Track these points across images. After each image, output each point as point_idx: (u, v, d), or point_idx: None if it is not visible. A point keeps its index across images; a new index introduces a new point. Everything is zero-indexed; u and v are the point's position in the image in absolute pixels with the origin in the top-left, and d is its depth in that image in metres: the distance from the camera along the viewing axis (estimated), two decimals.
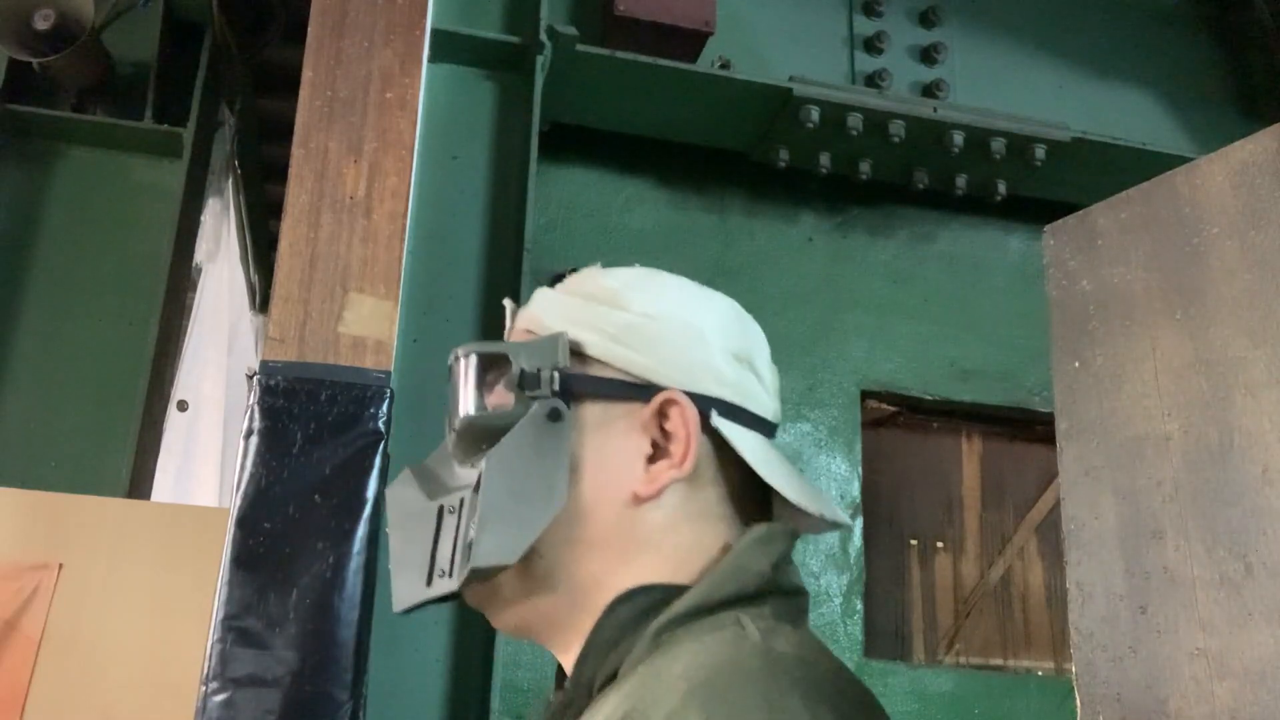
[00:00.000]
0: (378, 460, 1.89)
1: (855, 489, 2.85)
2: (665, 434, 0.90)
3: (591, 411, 0.91)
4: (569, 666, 0.90)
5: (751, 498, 0.94)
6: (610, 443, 0.91)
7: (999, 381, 3.06)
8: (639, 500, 0.90)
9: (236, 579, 1.77)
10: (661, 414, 0.90)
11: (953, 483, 3.14)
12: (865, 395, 2.96)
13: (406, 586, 0.92)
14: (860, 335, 2.99)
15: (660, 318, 0.95)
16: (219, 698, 1.72)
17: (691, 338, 0.95)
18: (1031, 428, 3.15)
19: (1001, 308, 3.13)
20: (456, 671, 2.08)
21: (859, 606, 2.74)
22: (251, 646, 1.74)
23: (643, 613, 0.86)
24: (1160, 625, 1.50)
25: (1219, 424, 1.48)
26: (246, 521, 1.80)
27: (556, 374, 0.90)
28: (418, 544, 0.92)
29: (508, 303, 1.02)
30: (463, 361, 0.93)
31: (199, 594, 2.01)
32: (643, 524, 0.90)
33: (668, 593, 0.87)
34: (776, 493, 0.93)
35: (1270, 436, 1.41)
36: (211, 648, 1.74)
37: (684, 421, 0.90)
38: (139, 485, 2.78)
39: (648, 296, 0.97)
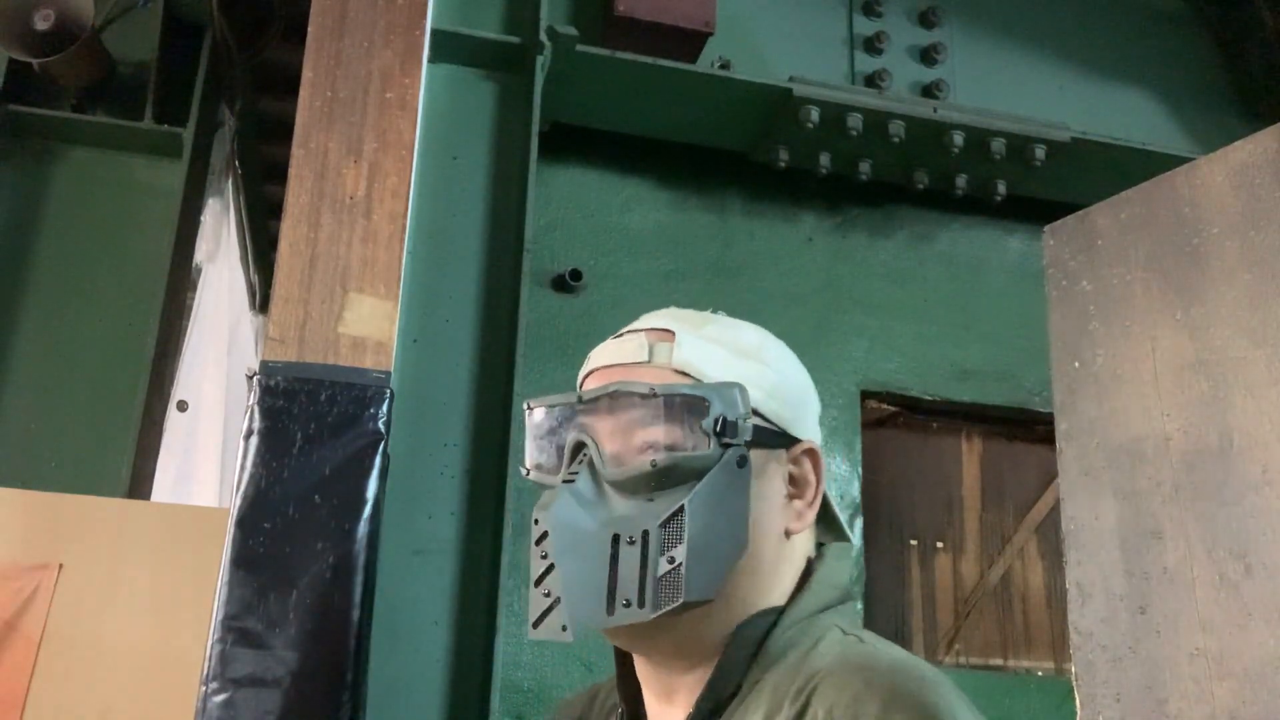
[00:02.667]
0: (378, 460, 1.89)
1: (855, 489, 2.85)
2: (793, 476, 1.08)
3: (756, 457, 1.03)
4: (685, 683, 1.02)
5: (818, 521, 1.13)
6: (769, 485, 1.05)
7: (999, 381, 3.06)
8: (789, 535, 1.07)
9: (236, 579, 1.77)
10: (795, 460, 1.09)
11: (953, 483, 3.14)
12: (865, 395, 2.96)
13: (585, 612, 0.97)
14: (860, 335, 2.99)
15: (791, 376, 1.14)
16: (219, 698, 1.72)
17: (809, 395, 1.17)
18: (1031, 428, 3.15)
19: (1001, 308, 3.13)
20: (456, 671, 2.08)
21: (859, 606, 2.74)
22: (251, 646, 1.74)
23: (764, 632, 1.01)
24: (1160, 625, 1.50)
25: (1219, 424, 1.48)
26: (246, 521, 1.80)
27: (751, 426, 1.02)
28: (594, 571, 0.97)
29: (642, 336, 1.08)
30: (662, 399, 1.00)
31: (199, 594, 2.01)
32: (788, 554, 1.07)
33: (776, 610, 1.02)
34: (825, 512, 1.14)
35: (1270, 436, 1.41)
36: (211, 648, 1.74)
37: (814, 467, 1.10)
38: (139, 485, 2.78)
39: (780, 356, 1.14)
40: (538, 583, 0.98)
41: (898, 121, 2.77)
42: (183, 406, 3.49)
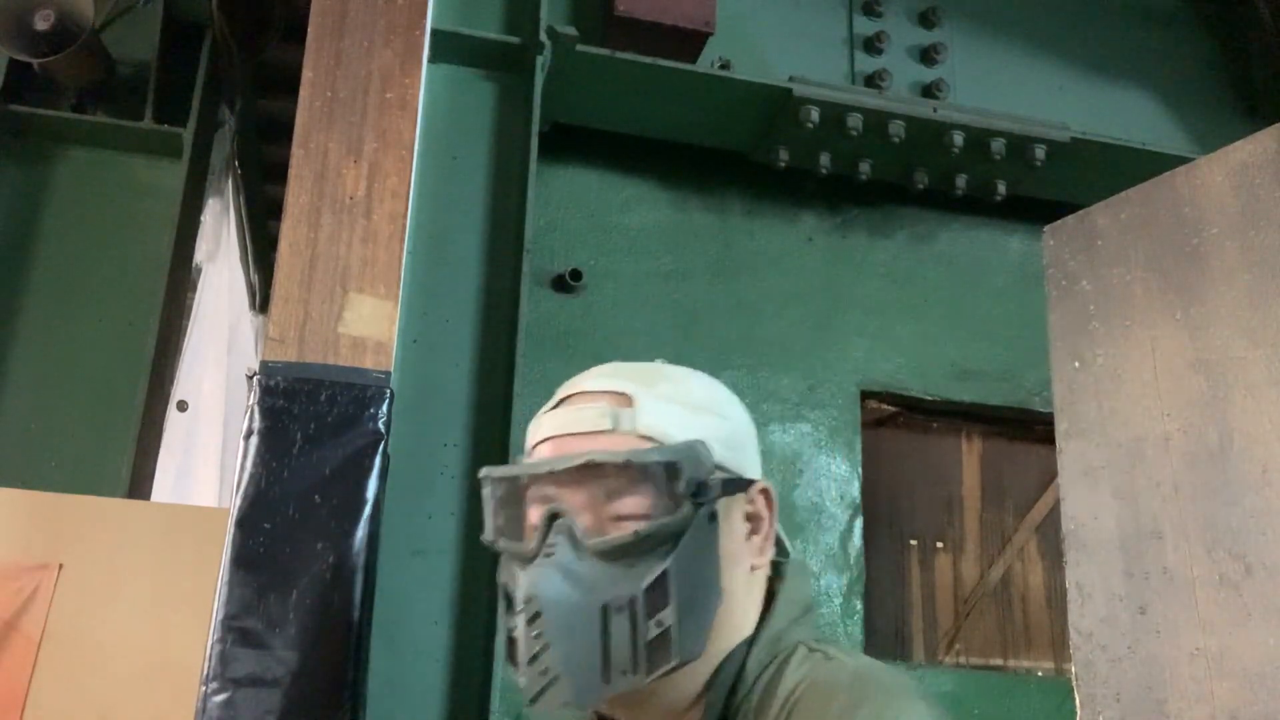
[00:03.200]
0: (378, 461, 1.89)
1: (855, 489, 2.85)
2: (749, 514, 1.11)
3: (720, 506, 1.05)
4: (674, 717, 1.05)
5: None
6: (732, 529, 1.08)
7: (999, 381, 3.06)
8: (753, 570, 1.10)
9: (236, 579, 1.77)
10: (750, 500, 1.11)
11: (953, 483, 3.14)
12: (865, 395, 2.96)
13: (586, 688, 1.00)
14: (860, 335, 2.99)
15: (739, 420, 1.14)
16: (219, 698, 1.72)
17: (752, 433, 1.16)
18: (1031, 428, 3.15)
19: (1001, 308, 3.13)
20: (456, 671, 2.08)
21: (859, 606, 2.74)
22: (251, 646, 1.74)
23: (740, 663, 1.05)
24: (1160, 625, 1.50)
25: (1219, 424, 1.48)
26: (246, 521, 1.80)
27: (719, 481, 1.05)
28: (589, 645, 1.00)
29: (602, 402, 1.08)
30: (636, 469, 1.02)
31: (199, 594, 2.01)
32: (752, 588, 1.11)
33: (748, 640, 1.07)
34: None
35: (1270, 436, 1.41)
36: (211, 648, 1.74)
37: (767, 503, 1.12)
38: (139, 485, 2.78)
39: (728, 401, 1.15)
40: (532, 660, 1.01)
41: (898, 121, 2.77)
42: (183, 406, 3.49)
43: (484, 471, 1.13)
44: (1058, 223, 1.82)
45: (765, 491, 1.12)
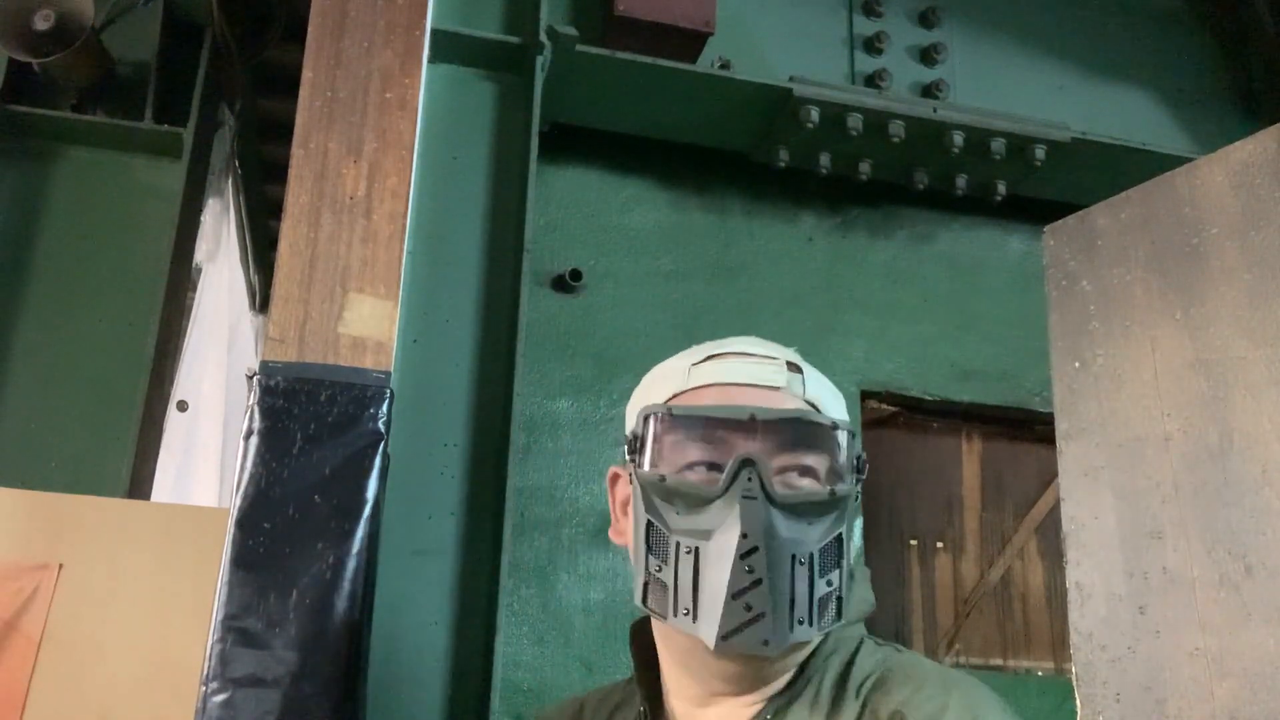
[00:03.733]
0: (378, 460, 1.89)
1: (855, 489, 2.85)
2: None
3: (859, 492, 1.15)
4: (745, 689, 1.09)
5: None
6: (856, 517, 1.16)
7: (999, 381, 3.06)
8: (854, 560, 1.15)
9: (236, 579, 1.77)
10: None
11: (953, 483, 3.14)
12: (865, 395, 2.96)
13: (780, 630, 1.02)
14: (860, 335, 2.99)
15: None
16: (219, 698, 1.72)
17: None
18: (1031, 428, 3.15)
19: (1001, 308, 3.13)
20: (456, 671, 2.08)
21: None
22: (251, 646, 1.74)
23: (814, 647, 1.12)
24: (1160, 625, 1.50)
25: (1219, 424, 1.48)
26: (246, 521, 1.80)
27: (867, 461, 1.14)
28: (785, 590, 1.03)
29: (780, 363, 1.14)
30: (841, 434, 1.10)
31: (199, 594, 2.01)
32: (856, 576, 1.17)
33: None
34: None
35: (1270, 436, 1.41)
36: (211, 648, 1.74)
37: (857, 504, 1.16)
38: (139, 485, 2.78)
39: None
40: (738, 595, 1.00)
41: (898, 121, 2.77)
42: (183, 406, 3.49)
43: (661, 407, 1.11)
44: (1058, 223, 1.82)
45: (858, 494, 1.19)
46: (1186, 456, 1.52)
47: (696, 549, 1.03)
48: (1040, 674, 3.01)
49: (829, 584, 1.05)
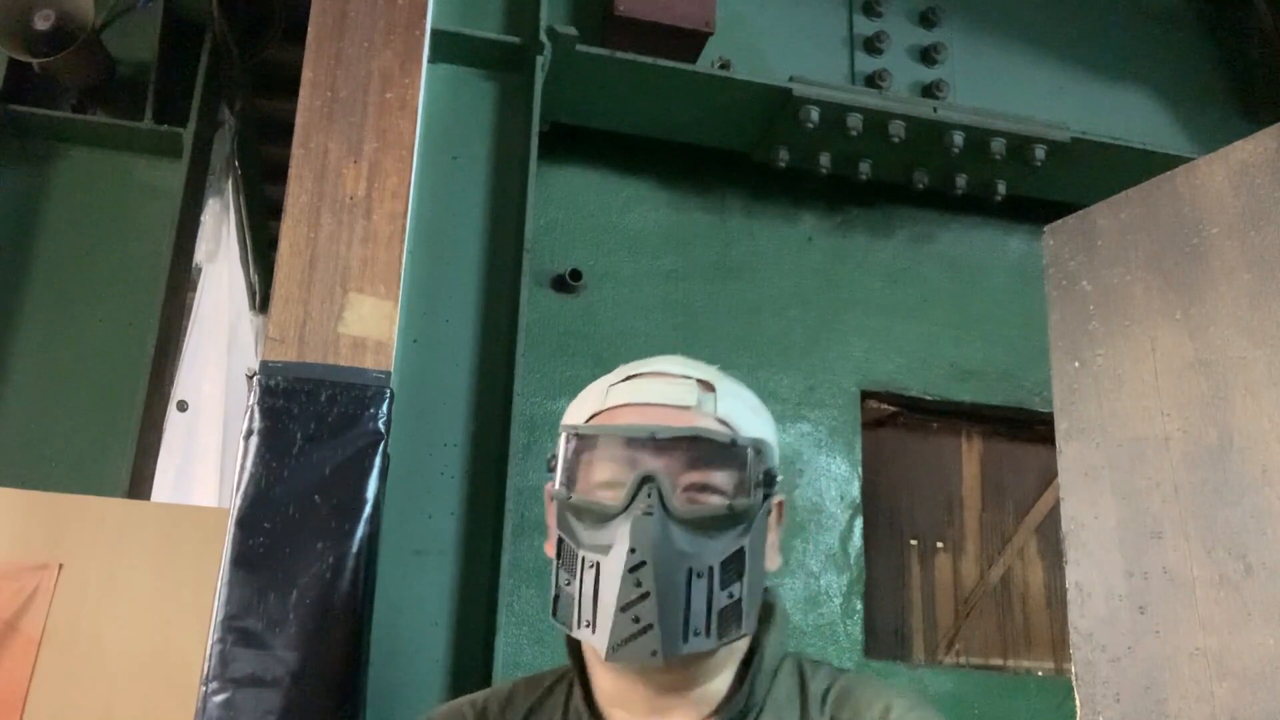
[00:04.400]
0: (378, 460, 1.89)
1: (855, 489, 2.85)
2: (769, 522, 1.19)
3: (771, 506, 1.18)
4: (685, 701, 1.13)
5: None
6: (769, 532, 1.18)
7: (999, 381, 3.06)
8: (768, 573, 1.18)
9: (236, 579, 1.77)
10: (770, 509, 1.18)
11: (953, 483, 3.14)
12: (865, 395, 2.96)
13: (670, 642, 1.06)
14: (860, 335, 2.99)
15: (775, 434, 1.22)
16: (219, 698, 1.72)
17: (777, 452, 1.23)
18: (1031, 428, 3.15)
19: (1001, 308, 3.13)
20: (456, 671, 2.08)
21: (859, 606, 2.74)
22: (251, 646, 1.74)
23: (758, 664, 1.15)
24: (1160, 625, 1.50)
25: (1219, 424, 1.48)
26: (246, 521, 1.80)
27: (778, 476, 1.16)
28: (676, 603, 1.06)
29: (691, 382, 1.16)
30: (745, 450, 1.12)
31: (199, 594, 2.01)
32: (768, 590, 1.20)
33: (753, 636, 1.16)
34: None
35: (1270, 436, 1.41)
36: (211, 648, 1.74)
37: (779, 515, 1.22)
38: (139, 485, 2.78)
39: (769, 413, 1.23)
40: (626, 607, 1.05)
41: (898, 121, 2.77)
42: (183, 406, 3.49)
43: (569, 428, 1.17)
44: (1058, 223, 1.82)
45: (780, 504, 1.22)
46: (1186, 456, 1.52)
47: (597, 564, 1.08)
48: (1040, 674, 3.01)
49: (730, 595, 1.08)
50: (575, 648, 1.21)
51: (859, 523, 2.83)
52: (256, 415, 1.87)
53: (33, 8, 2.81)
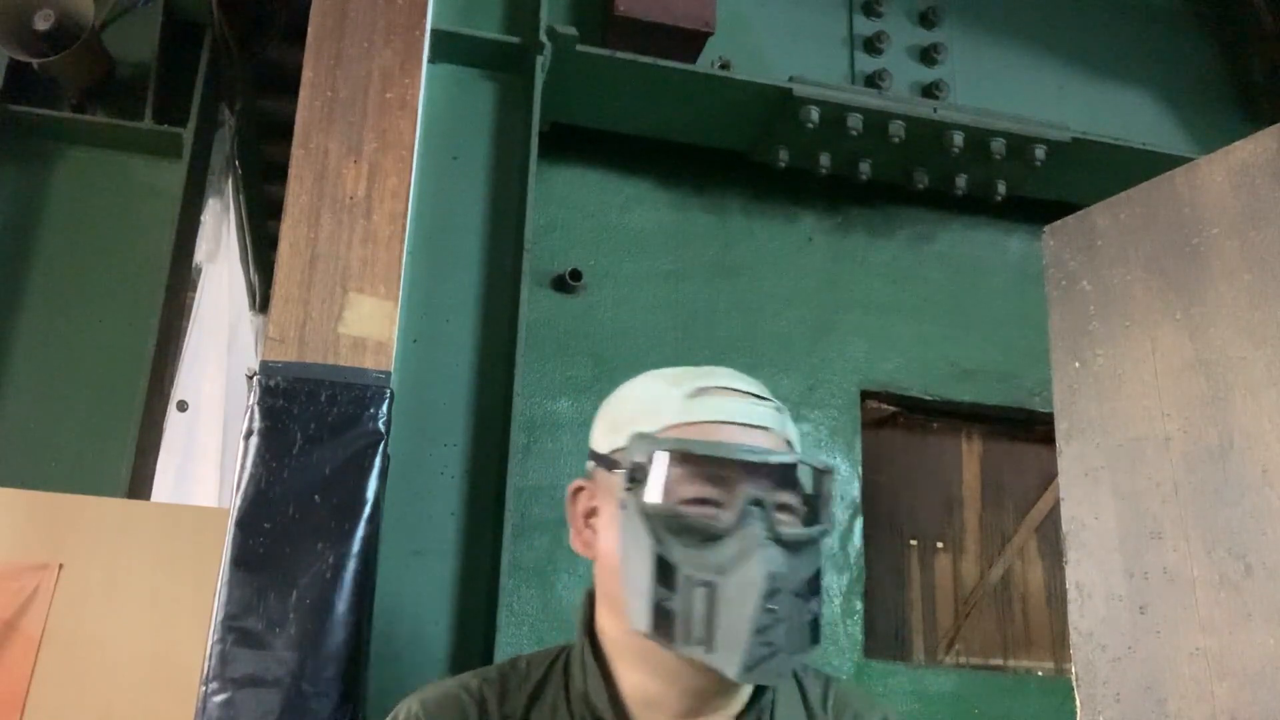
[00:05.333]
0: (378, 460, 1.89)
1: (855, 489, 2.85)
2: None
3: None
4: (716, 705, 1.16)
5: None
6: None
7: (999, 381, 3.06)
8: None
9: (236, 579, 1.77)
10: None
11: (953, 483, 3.14)
12: (865, 395, 2.96)
13: (790, 661, 1.11)
14: (860, 335, 2.99)
15: None
16: (219, 698, 1.72)
17: None
18: (1031, 428, 3.15)
19: (1001, 308, 3.13)
20: (456, 671, 2.07)
21: (859, 606, 2.74)
22: (251, 647, 1.74)
23: None
24: (1160, 625, 1.50)
25: (1219, 424, 1.48)
26: (246, 521, 1.80)
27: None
28: (794, 624, 1.11)
29: (773, 404, 1.20)
30: (828, 478, 1.18)
31: (199, 594, 2.01)
32: None
33: None
34: None
35: (1270, 436, 1.41)
36: (211, 648, 1.74)
37: None
38: (139, 485, 2.78)
39: None
40: (760, 632, 1.07)
41: (898, 121, 2.77)
42: (183, 406, 3.49)
43: (670, 443, 1.14)
44: (1058, 223, 1.82)
45: None
46: (1186, 456, 1.52)
47: (713, 584, 1.09)
48: (1040, 674, 3.01)
49: (811, 612, 1.14)
50: (596, 642, 1.20)
51: (859, 523, 2.83)
52: (256, 415, 1.87)
53: (33, 8, 2.82)
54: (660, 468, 1.12)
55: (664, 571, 1.10)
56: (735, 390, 1.18)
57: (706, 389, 1.18)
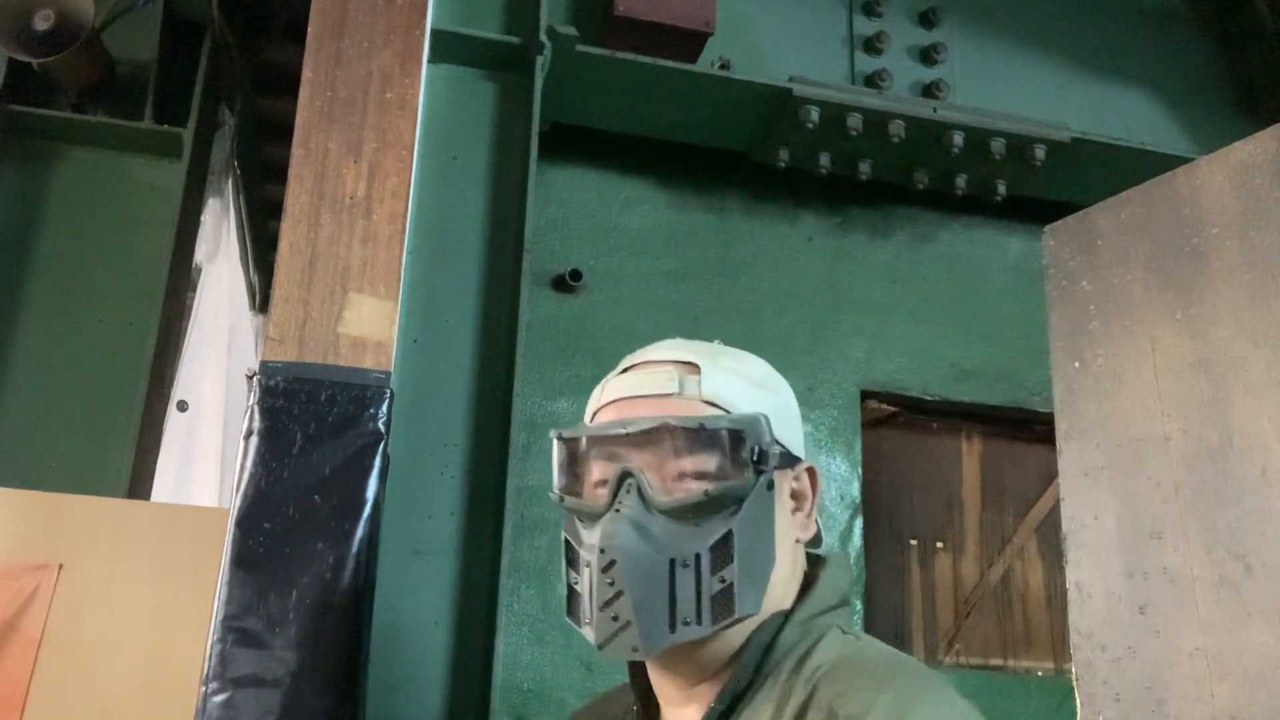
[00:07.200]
0: (377, 460, 1.89)
1: (855, 489, 2.85)
2: (794, 491, 1.19)
3: (775, 477, 1.14)
4: (704, 688, 1.12)
5: None
6: (783, 502, 1.16)
7: (999, 381, 3.06)
8: (798, 543, 1.19)
9: (236, 579, 1.77)
10: (796, 477, 1.19)
11: (953, 483, 3.14)
12: (865, 395, 2.96)
13: (653, 635, 1.07)
14: (860, 335, 2.99)
15: (791, 401, 1.22)
16: (219, 698, 1.72)
17: (798, 416, 1.23)
18: (1031, 428, 3.15)
19: (1001, 308, 3.13)
20: (456, 671, 2.08)
21: (859, 606, 2.74)
22: (251, 646, 1.74)
23: (773, 635, 1.11)
24: (1160, 625, 1.50)
25: (1219, 424, 1.48)
26: (246, 521, 1.80)
27: (776, 453, 1.12)
28: (657, 596, 1.07)
29: (670, 368, 1.15)
30: (710, 433, 1.09)
31: (199, 594, 2.01)
32: (797, 562, 1.19)
33: (783, 614, 1.13)
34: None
35: (1270, 436, 1.41)
36: (211, 648, 1.74)
37: (812, 482, 1.21)
38: (139, 485, 2.78)
39: (781, 382, 1.22)
40: (604, 606, 1.07)
41: (898, 121, 2.77)
42: (183, 406, 3.49)
43: (554, 432, 1.19)
44: (1058, 223, 1.82)
45: (810, 470, 1.21)
46: (1186, 456, 1.52)
47: (590, 563, 1.10)
48: (1040, 674, 3.01)
49: (722, 580, 1.07)
50: None
51: (859, 523, 2.83)
52: (256, 415, 1.87)
53: (33, 8, 2.81)
54: (555, 459, 1.18)
55: (572, 555, 1.15)
56: (647, 363, 1.17)
57: (626, 369, 1.19)
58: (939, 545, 3.07)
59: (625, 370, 1.19)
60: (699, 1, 2.65)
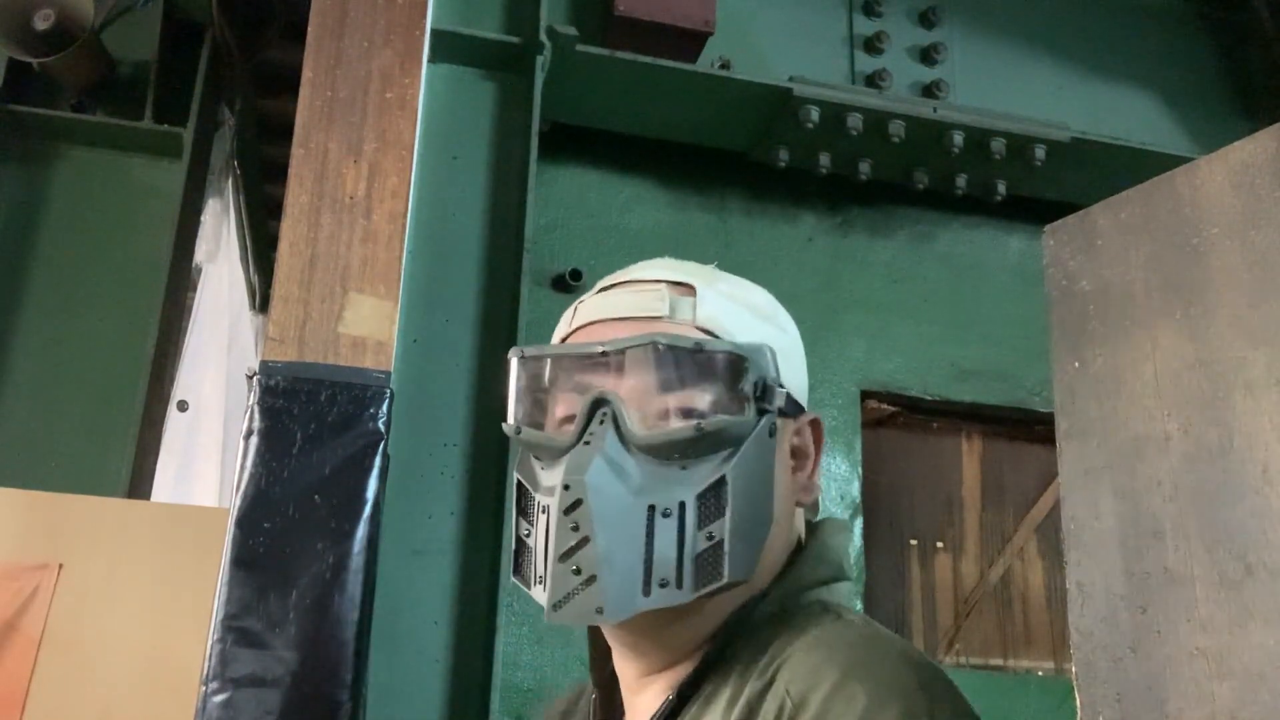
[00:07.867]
0: (378, 460, 1.89)
1: (855, 489, 2.85)
2: (795, 448, 0.99)
3: (778, 423, 0.94)
4: (677, 666, 0.92)
5: None
6: (783, 455, 0.96)
7: (999, 381, 3.06)
8: (798, 506, 0.99)
9: (236, 579, 1.77)
10: (798, 431, 0.99)
11: (953, 483, 3.14)
12: (865, 395, 2.96)
13: (621, 596, 0.85)
14: (860, 335, 2.99)
15: (796, 340, 1.01)
16: (219, 698, 1.72)
17: (804, 359, 1.03)
18: (1031, 428, 3.15)
19: (1001, 308, 3.13)
20: (456, 671, 2.08)
21: (859, 606, 2.74)
22: (251, 646, 1.74)
23: (750, 612, 0.92)
24: (1160, 625, 1.50)
25: (1219, 424, 1.48)
26: (246, 521, 1.80)
27: (782, 392, 0.92)
28: (631, 548, 0.85)
29: (661, 288, 0.94)
30: (706, 357, 0.90)
31: (199, 594, 2.01)
32: (792, 528, 0.98)
33: (764, 587, 0.93)
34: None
35: (1270, 436, 1.41)
36: (211, 648, 1.74)
37: (816, 439, 1.01)
38: (139, 485, 2.78)
39: (789, 319, 1.02)
40: (564, 557, 0.85)
41: (898, 121, 2.77)
42: (183, 406, 3.49)
43: (515, 350, 0.97)
44: (1058, 223, 1.82)
45: (815, 424, 1.01)
46: (1186, 456, 1.52)
47: (548, 508, 0.88)
48: (1040, 674, 3.01)
49: (709, 537, 0.86)
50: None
51: (859, 523, 2.83)
52: (256, 415, 1.87)
53: (33, 8, 2.82)
54: (511, 384, 0.97)
55: (525, 502, 0.94)
56: (633, 282, 0.97)
57: (605, 288, 0.99)
58: (939, 545, 3.07)
59: (603, 290, 0.98)
60: (699, 1, 2.65)
